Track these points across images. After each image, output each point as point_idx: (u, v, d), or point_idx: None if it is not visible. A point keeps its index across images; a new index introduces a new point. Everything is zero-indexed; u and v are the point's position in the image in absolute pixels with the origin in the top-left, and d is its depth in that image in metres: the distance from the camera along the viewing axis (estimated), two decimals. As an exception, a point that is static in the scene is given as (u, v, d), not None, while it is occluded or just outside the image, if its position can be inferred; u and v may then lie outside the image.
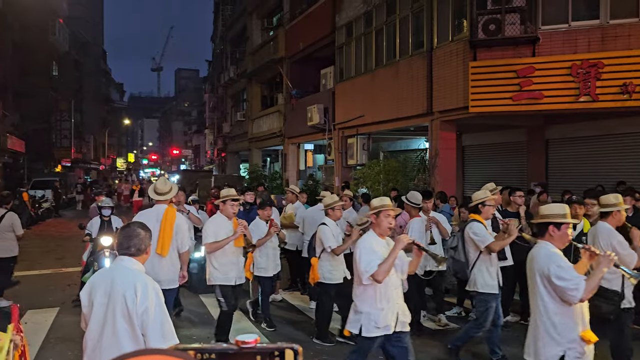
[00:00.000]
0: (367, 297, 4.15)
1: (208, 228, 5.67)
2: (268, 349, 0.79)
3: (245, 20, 26.10)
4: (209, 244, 5.59)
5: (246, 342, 0.80)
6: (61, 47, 36.64)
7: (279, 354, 0.79)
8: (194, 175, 25.67)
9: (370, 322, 4.13)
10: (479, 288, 5.37)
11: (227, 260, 5.67)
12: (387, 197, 4.58)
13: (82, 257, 8.09)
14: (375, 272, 3.97)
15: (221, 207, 5.75)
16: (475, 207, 5.53)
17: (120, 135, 75.12)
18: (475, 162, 15.12)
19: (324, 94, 16.92)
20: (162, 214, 5.44)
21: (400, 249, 4.02)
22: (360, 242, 4.24)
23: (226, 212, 5.77)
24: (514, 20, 10.00)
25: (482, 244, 5.30)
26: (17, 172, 29.24)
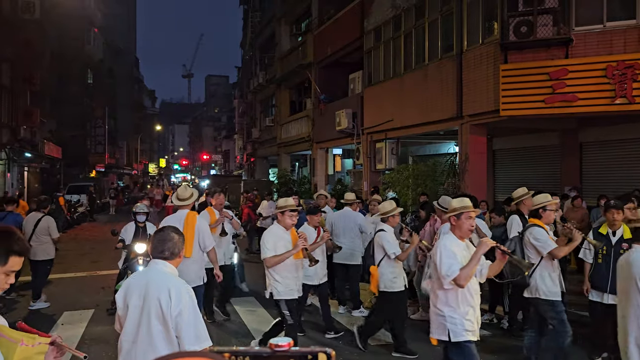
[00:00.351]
0: (450, 301, 4.03)
1: (267, 240, 5.34)
2: (301, 352, 0.80)
3: (274, 26, 26.33)
4: (269, 258, 5.28)
5: (280, 345, 0.80)
6: (96, 56, 37.62)
7: (312, 357, 0.79)
8: (224, 180, 26.00)
9: (457, 326, 4.01)
10: (541, 295, 5.14)
11: (289, 273, 5.41)
12: (466, 198, 4.40)
13: (118, 264, 7.90)
14: (458, 276, 3.86)
15: (279, 217, 5.46)
16: (535, 211, 5.34)
17: (152, 141, 76.62)
18: (507, 166, 14.87)
19: (352, 99, 16.91)
20: (184, 219, 5.95)
21: (483, 252, 3.90)
22: (441, 245, 4.09)
23: (284, 223, 5.44)
24: (547, 21, 9.83)
25: (544, 250, 5.08)
26: (54, 177, 30.09)
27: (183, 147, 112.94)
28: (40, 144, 24.90)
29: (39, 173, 27.81)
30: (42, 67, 25.00)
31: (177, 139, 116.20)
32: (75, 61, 32.10)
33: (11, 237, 2.08)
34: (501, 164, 15.08)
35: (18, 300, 8.71)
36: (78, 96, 32.90)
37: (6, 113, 20.50)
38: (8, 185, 21.56)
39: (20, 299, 8.77)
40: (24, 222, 8.86)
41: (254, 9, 32.30)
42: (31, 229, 8.46)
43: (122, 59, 51.79)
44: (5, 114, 20.36)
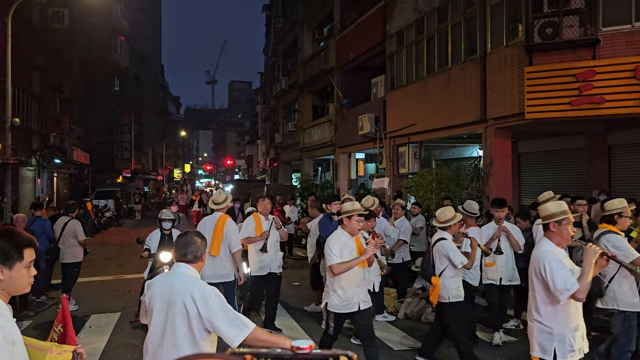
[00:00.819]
0: (560, 316, 3.66)
1: (332, 246, 4.93)
2: (323, 355, 0.80)
3: (296, 32, 26.47)
4: (336, 265, 4.85)
5: (301, 348, 0.81)
6: (122, 64, 38.36)
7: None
8: (247, 184, 26.21)
9: (565, 345, 3.64)
10: (619, 306, 4.85)
11: (351, 284, 5.01)
12: (563, 202, 4.07)
13: (144, 274, 7.62)
14: (578, 290, 3.48)
15: (345, 222, 5.09)
16: (609, 217, 4.97)
17: (176, 147, 77.66)
18: (532, 170, 14.65)
19: (374, 103, 16.89)
20: (216, 220, 6.49)
21: (594, 260, 3.56)
22: (545, 254, 3.67)
23: (350, 228, 5.06)
24: (573, 22, 9.67)
25: (626, 259, 4.62)
26: (82, 182, 30.74)
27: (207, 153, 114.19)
28: (69, 150, 25.48)
29: (68, 179, 28.44)
30: (71, 75, 25.60)
31: (201, 145, 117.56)
32: (103, 69, 32.80)
33: (14, 233, 2.16)
34: (527, 167, 14.87)
35: (47, 303, 8.90)
36: (105, 103, 33.60)
37: (36, 120, 21.03)
38: (38, 190, 22.09)
39: (50, 302, 8.96)
40: (54, 227, 9.10)
41: (276, 15, 32.54)
42: (59, 233, 8.69)
43: (147, 66, 52.69)
44: (35, 121, 20.90)
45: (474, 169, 13.09)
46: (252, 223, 7.12)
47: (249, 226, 7.14)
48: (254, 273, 7.08)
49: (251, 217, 7.26)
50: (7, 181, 16.58)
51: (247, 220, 7.23)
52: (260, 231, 7.03)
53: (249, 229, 7.10)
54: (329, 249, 4.97)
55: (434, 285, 5.49)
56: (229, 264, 6.45)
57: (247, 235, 7.04)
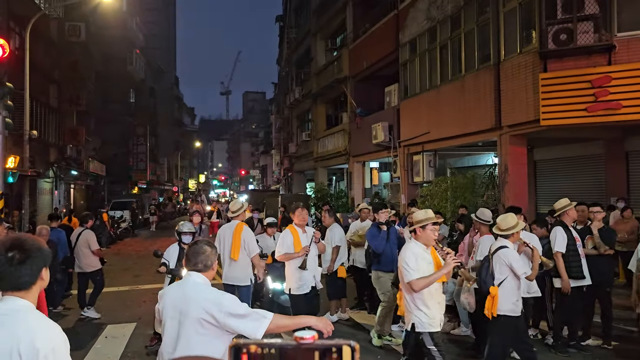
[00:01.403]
0: None
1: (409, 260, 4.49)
2: (326, 345, 0.82)
3: (310, 42, 26.61)
4: (416, 281, 4.40)
5: (304, 338, 0.82)
6: (138, 76, 38.87)
7: (337, 350, 0.81)
8: (262, 194, 26.27)
9: None
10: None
11: (434, 299, 4.57)
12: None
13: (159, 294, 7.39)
14: None
15: (418, 233, 4.66)
16: None
17: (191, 157, 78.23)
18: (549, 177, 14.48)
19: (388, 112, 16.87)
20: (234, 228, 6.85)
21: None
22: None
23: (425, 239, 4.62)
24: (587, 28, 9.59)
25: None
26: (99, 193, 31.08)
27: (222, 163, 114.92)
28: (86, 162, 25.80)
29: (84, 190, 28.78)
30: (87, 88, 25.99)
31: (215, 155, 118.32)
32: (119, 81, 33.24)
33: None
34: (543, 175, 14.70)
35: (65, 314, 8.97)
36: (121, 115, 34.02)
37: (54, 133, 21.35)
38: (55, 202, 22.37)
39: (68, 312, 9.03)
40: (71, 237, 9.25)
41: (289, 25, 32.76)
42: (73, 243, 8.87)
43: (162, 78, 53.33)
44: (52, 133, 21.21)
45: (490, 176, 12.99)
46: (290, 237, 6.47)
47: (286, 241, 6.46)
48: (294, 292, 6.46)
49: (287, 231, 6.58)
50: (25, 193, 16.83)
51: (284, 235, 6.55)
52: (298, 246, 6.39)
53: (286, 244, 6.44)
54: (405, 263, 4.51)
55: (492, 296, 5.06)
56: (247, 268, 6.80)
57: (285, 251, 6.43)
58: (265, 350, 0.81)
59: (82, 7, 23.57)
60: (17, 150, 15.34)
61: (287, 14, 34.49)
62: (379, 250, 7.08)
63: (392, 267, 6.68)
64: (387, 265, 6.97)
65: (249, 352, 0.82)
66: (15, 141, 15.43)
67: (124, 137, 35.96)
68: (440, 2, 13.60)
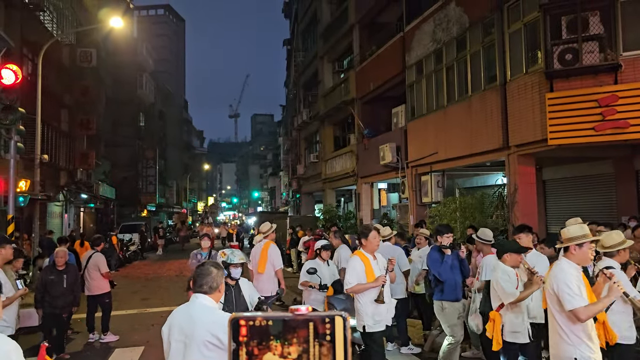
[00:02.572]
0: None
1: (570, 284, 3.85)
2: (320, 316, 0.88)
3: (317, 64, 26.89)
4: (583, 309, 3.81)
5: (299, 310, 0.88)
6: (147, 100, 39.38)
7: (330, 320, 0.87)
8: (270, 216, 26.24)
9: None
10: None
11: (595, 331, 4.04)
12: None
13: None
14: None
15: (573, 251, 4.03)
16: None
17: (200, 180, 78.59)
18: (558, 197, 14.39)
19: (395, 133, 16.93)
20: (262, 246, 8.02)
21: None
22: None
23: (581, 258, 4.02)
24: (592, 48, 9.63)
25: None
26: (108, 216, 31.22)
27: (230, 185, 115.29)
28: (95, 185, 25.99)
29: (94, 213, 28.93)
30: (98, 112, 26.32)
31: (224, 178, 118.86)
32: (128, 105, 33.70)
33: None
34: (552, 194, 14.62)
35: (73, 338, 8.95)
36: (130, 138, 34.38)
37: (64, 156, 21.58)
38: (65, 225, 22.49)
39: (75, 336, 9.01)
40: (81, 260, 9.30)
41: (297, 49, 33.16)
42: (83, 266, 8.89)
43: (171, 101, 53.94)
44: (63, 157, 21.44)
45: (499, 196, 12.93)
46: (360, 265, 5.48)
47: (356, 269, 5.46)
48: (370, 329, 5.50)
49: (357, 259, 5.57)
50: (36, 216, 16.95)
51: (353, 264, 5.54)
52: (371, 276, 5.43)
53: (357, 274, 5.45)
54: (566, 287, 3.85)
55: (600, 322, 4.40)
56: (271, 281, 7.81)
57: (356, 281, 5.42)
58: (262, 322, 0.87)
59: (93, 33, 24.05)
60: (28, 174, 15.50)
61: (294, 38, 34.95)
62: (443, 278, 6.38)
63: (457, 296, 6.34)
64: (452, 294, 6.35)
65: (248, 324, 0.87)
66: (26, 165, 15.61)
67: (133, 160, 36.26)
68: (446, 25, 13.74)
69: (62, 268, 7.77)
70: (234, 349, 0.87)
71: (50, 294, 7.51)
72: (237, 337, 0.86)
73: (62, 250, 8.25)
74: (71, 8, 22.59)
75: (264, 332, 0.86)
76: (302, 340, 0.86)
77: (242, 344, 0.87)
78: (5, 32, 15.27)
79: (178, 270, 19.57)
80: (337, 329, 0.87)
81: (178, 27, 77.15)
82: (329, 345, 0.86)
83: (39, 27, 18.80)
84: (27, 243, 14.72)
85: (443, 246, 6.46)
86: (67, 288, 7.66)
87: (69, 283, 7.70)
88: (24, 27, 17.25)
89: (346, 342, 0.88)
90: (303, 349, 0.86)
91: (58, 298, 7.55)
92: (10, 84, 10.55)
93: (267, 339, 0.86)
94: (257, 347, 0.87)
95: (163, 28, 69.42)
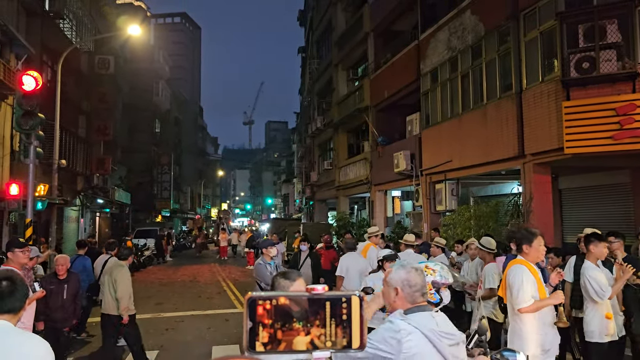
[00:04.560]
0: None
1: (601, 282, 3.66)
2: (337, 295, 0.88)
3: (331, 72, 26.97)
4: None
5: (316, 289, 0.89)
6: (163, 106, 39.77)
7: (346, 300, 0.87)
8: (284, 223, 26.32)
9: None
10: None
11: None
12: None
13: None
14: None
15: None
16: None
17: (214, 186, 78.98)
18: (575, 206, 14.23)
19: (410, 140, 16.90)
20: (364, 246, 8.58)
21: None
22: None
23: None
24: (610, 56, 9.55)
25: None
26: (123, 221, 31.48)
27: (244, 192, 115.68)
28: (111, 190, 26.26)
29: (109, 218, 29.20)
30: (115, 118, 26.64)
31: (238, 184, 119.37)
32: (145, 111, 34.07)
33: None
34: (569, 204, 14.46)
35: (89, 341, 9.02)
36: (146, 144, 34.72)
37: (81, 162, 21.86)
38: (81, 230, 22.73)
39: (91, 339, 9.09)
40: (94, 265, 9.36)
41: (311, 56, 33.30)
42: (99, 271, 8.95)
43: (187, 108, 54.39)
44: (80, 162, 21.72)
45: (514, 205, 12.83)
46: (529, 277, 4.23)
47: (529, 282, 4.21)
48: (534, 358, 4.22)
49: (522, 268, 4.27)
50: (53, 221, 17.16)
51: (521, 274, 4.23)
52: (543, 292, 4.27)
53: (530, 288, 4.22)
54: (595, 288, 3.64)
55: None
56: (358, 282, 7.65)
57: (530, 297, 4.17)
58: (280, 300, 0.87)
59: (111, 40, 24.39)
60: (46, 179, 15.73)
61: (309, 46, 35.11)
62: None
63: None
64: None
65: (264, 303, 0.87)
66: (44, 170, 15.84)
67: (148, 166, 36.60)
68: (461, 33, 13.73)
69: (64, 277, 7.09)
70: (250, 328, 0.87)
71: (49, 306, 6.76)
72: (253, 316, 0.86)
73: (63, 257, 7.50)
74: (90, 16, 22.96)
75: (286, 313, 0.87)
76: (321, 320, 0.87)
77: (261, 324, 0.87)
78: (26, 39, 15.57)
79: (192, 276, 19.68)
80: (354, 309, 0.87)
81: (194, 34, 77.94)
82: (345, 324, 0.87)
83: (58, 35, 19.12)
84: (44, 247, 14.88)
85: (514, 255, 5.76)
86: (67, 299, 6.95)
87: (70, 294, 7.03)
88: (44, 34, 17.56)
89: (362, 322, 0.88)
90: (321, 329, 0.87)
91: (57, 310, 6.82)
92: (30, 90, 10.72)
93: (290, 321, 0.87)
94: (280, 330, 0.87)
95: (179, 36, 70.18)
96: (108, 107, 24.54)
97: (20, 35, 15.16)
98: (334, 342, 0.86)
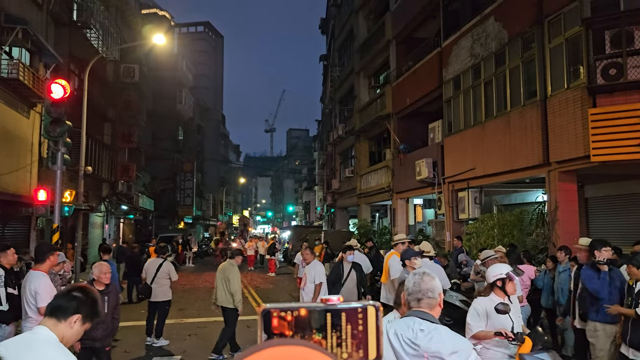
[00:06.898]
0: None
1: None
2: (352, 306, 0.86)
3: (353, 80, 27.01)
4: None
5: (331, 300, 0.87)
6: (186, 114, 40.27)
7: (362, 310, 0.85)
8: (305, 230, 26.37)
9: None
10: None
11: None
12: None
13: None
14: None
15: None
16: None
17: (236, 193, 79.57)
18: (601, 215, 13.94)
19: (432, 148, 16.80)
20: (387, 255, 8.38)
21: None
22: None
23: None
24: (637, 62, 9.38)
25: None
26: (146, 228, 31.89)
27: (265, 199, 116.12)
28: (135, 197, 26.64)
29: (133, 224, 29.60)
30: (139, 126, 27.07)
31: (259, 191, 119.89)
32: (168, 119, 34.55)
33: None
34: (595, 212, 14.18)
35: (114, 346, 9.13)
36: (169, 151, 35.17)
37: (106, 169, 22.24)
38: (106, 235, 23.09)
39: (116, 343, 9.19)
40: (144, 267, 9.59)
41: (333, 64, 33.41)
42: (153, 273, 9.17)
43: (209, 116, 55.00)
44: (105, 169, 22.10)
45: (539, 214, 12.63)
46: None
47: None
48: None
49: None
50: (78, 226, 17.48)
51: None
52: None
53: None
54: None
55: None
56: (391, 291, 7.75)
57: None
58: (295, 312, 0.85)
59: (136, 49, 24.84)
60: (72, 185, 16.04)
61: (330, 54, 35.23)
62: (601, 295, 5.84)
63: (615, 318, 5.75)
64: (608, 315, 5.79)
65: (279, 315, 0.85)
66: (71, 176, 16.16)
67: (171, 173, 37.05)
68: (484, 39, 13.63)
69: (104, 288, 6.00)
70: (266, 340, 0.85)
71: None
72: (268, 328, 0.85)
73: (104, 264, 6.44)
74: (116, 26, 23.43)
75: (307, 325, 0.85)
76: (338, 332, 0.85)
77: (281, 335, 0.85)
78: (54, 49, 15.95)
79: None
80: (370, 320, 0.85)
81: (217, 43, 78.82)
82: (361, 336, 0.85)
83: (85, 44, 19.56)
84: (70, 252, 15.16)
85: (598, 262, 5.95)
86: (107, 313, 5.89)
87: (111, 307, 6.02)
88: (72, 44, 17.98)
89: (379, 333, 0.87)
90: (338, 340, 0.85)
91: (97, 327, 5.44)
92: (58, 98, 10.97)
93: (309, 333, 0.85)
94: None
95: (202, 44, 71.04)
96: (133, 115, 24.95)
97: (49, 45, 15.55)
98: (350, 354, 0.85)
